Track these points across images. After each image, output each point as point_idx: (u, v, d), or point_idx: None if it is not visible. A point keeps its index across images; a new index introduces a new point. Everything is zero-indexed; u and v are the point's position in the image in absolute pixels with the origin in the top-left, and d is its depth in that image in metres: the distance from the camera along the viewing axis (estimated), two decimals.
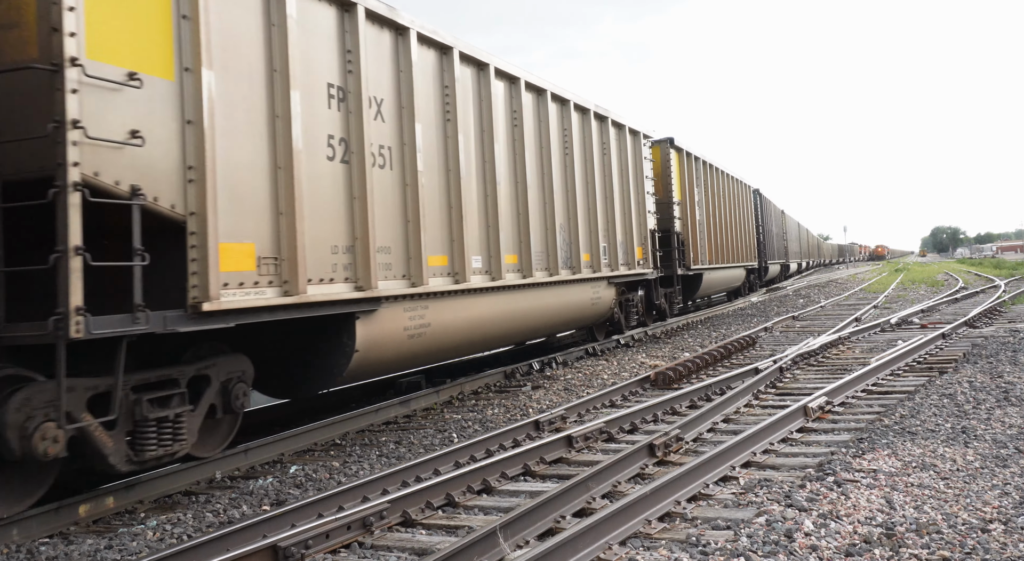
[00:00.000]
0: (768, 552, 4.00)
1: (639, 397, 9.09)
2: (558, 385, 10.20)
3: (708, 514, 4.67)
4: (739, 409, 7.84)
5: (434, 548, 4.40)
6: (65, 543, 4.94)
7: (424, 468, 5.97)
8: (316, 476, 6.32)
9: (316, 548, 4.34)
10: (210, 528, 5.14)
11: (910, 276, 40.06)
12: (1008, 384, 8.29)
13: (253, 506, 5.61)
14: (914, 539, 4.10)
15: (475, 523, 4.80)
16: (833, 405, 7.57)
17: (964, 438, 6.19)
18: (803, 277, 48.87)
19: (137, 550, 4.76)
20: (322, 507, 5.07)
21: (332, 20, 7.29)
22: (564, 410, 7.80)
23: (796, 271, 47.35)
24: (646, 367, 11.43)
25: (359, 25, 7.48)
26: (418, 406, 8.89)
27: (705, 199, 20.58)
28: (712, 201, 21.41)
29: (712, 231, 21.07)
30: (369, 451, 7.11)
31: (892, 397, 8.00)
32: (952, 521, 4.36)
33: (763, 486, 5.16)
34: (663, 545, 4.23)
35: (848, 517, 4.48)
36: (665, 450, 6.11)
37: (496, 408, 8.83)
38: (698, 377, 10.22)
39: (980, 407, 7.29)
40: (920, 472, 5.33)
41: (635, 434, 7.15)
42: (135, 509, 5.63)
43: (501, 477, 5.72)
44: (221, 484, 6.25)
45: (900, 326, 14.86)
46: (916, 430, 6.51)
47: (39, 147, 4.75)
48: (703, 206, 20.31)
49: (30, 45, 4.83)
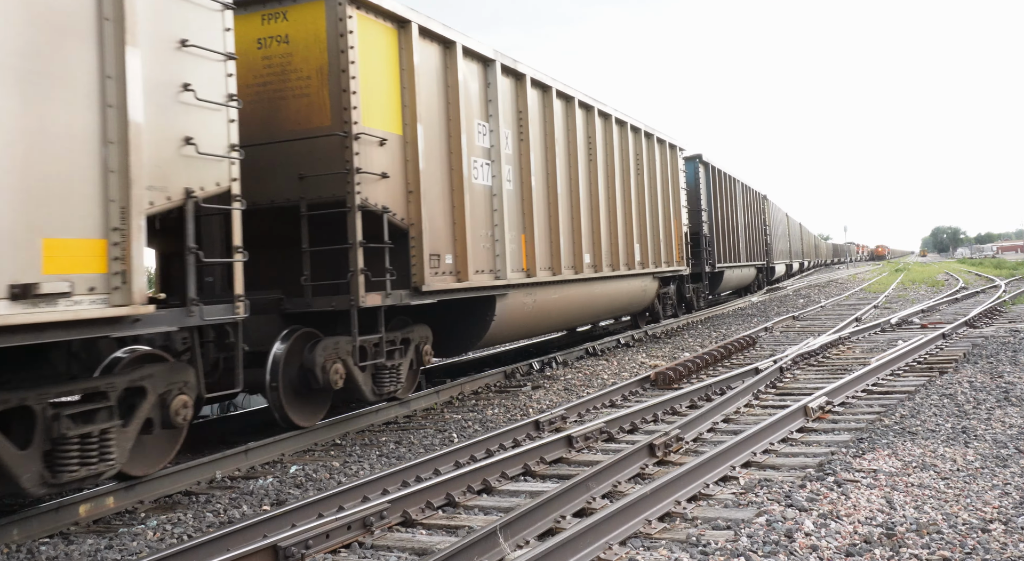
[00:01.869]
0: (768, 552, 4.00)
1: (639, 397, 9.09)
2: (558, 385, 10.20)
3: (708, 514, 4.67)
4: (739, 409, 7.84)
5: (434, 548, 4.40)
6: (65, 543, 4.94)
7: (424, 468, 5.97)
8: (316, 476, 6.32)
9: (316, 548, 4.34)
10: (210, 528, 5.14)
11: (910, 276, 40.06)
12: (1008, 384, 8.29)
13: (253, 506, 5.61)
14: (914, 539, 4.10)
15: (475, 523, 4.80)
16: (833, 405, 7.57)
17: (964, 438, 6.19)
18: (803, 277, 48.91)
19: (137, 550, 4.77)
20: (322, 507, 5.07)
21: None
22: (564, 410, 7.80)
23: (798, 270, 48.66)
24: (646, 367, 11.43)
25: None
26: (418, 406, 8.89)
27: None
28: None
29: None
30: (369, 451, 7.11)
31: (892, 397, 8.00)
32: (952, 521, 4.36)
33: (763, 486, 5.16)
34: (663, 545, 4.23)
35: (848, 517, 4.48)
36: (665, 450, 6.11)
37: (496, 408, 8.83)
38: (698, 377, 10.22)
39: (980, 407, 7.29)
40: (920, 472, 5.33)
41: (635, 434, 7.15)
42: (135, 509, 5.63)
43: (501, 477, 5.72)
44: (221, 484, 6.25)
45: (900, 326, 14.86)
46: (916, 430, 6.51)
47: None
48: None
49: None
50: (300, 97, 7.56)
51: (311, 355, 7.19)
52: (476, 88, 9.66)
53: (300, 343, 7.34)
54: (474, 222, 9.23)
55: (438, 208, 8.64)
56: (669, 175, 16.91)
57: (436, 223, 8.54)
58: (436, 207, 8.57)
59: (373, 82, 7.72)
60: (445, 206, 8.82)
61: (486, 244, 9.55)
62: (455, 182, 9.00)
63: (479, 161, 9.56)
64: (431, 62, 8.69)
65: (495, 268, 9.68)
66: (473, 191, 9.30)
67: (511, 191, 10.27)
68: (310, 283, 7.54)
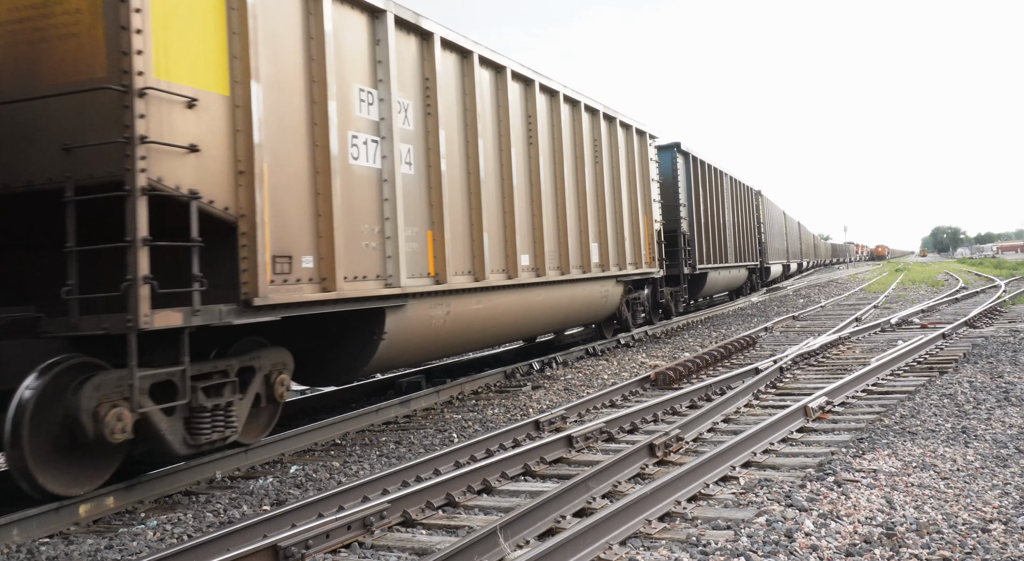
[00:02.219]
0: (768, 552, 4.00)
1: (639, 397, 9.09)
2: (558, 385, 10.20)
3: (708, 514, 4.67)
4: (739, 409, 7.84)
5: (434, 548, 4.40)
6: (65, 543, 4.94)
7: (424, 468, 5.97)
8: (316, 476, 6.32)
9: (316, 548, 4.35)
10: (210, 528, 5.14)
11: (910, 276, 40.07)
12: (1008, 384, 8.29)
13: (253, 506, 5.61)
14: (914, 539, 4.10)
15: (475, 523, 4.80)
16: (833, 405, 7.57)
17: (964, 438, 6.19)
18: (803, 277, 48.87)
19: (137, 550, 4.77)
20: (322, 507, 5.06)
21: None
22: (564, 410, 7.80)
23: (796, 271, 48.01)
24: (646, 367, 11.43)
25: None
26: (418, 406, 8.89)
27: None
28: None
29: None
30: (369, 451, 7.11)
31: (892, 397, 8.00)
32: (952, 521, 4.36)
33: (763, 486, 5.16)
34: (663, 545, 4.23)
35: (848, 517, 4.48)
36: (665, 450, 6.10)
37: (496, 408, 8.83)
38: (698, 377, 10.22)
39: (980, 407, 7.29)
40: (920, 472, 5.33)
41: (635, 434, 7.15)
42: (135, 509, 5.63)
43: (501, 477, 5.72)
44: (221, 484, 6.25)
45: (900, 326, 14.86)
46: (916, 430, 6.51)
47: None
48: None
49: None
50: (67, 38, 5.51)
51: (75, 397, 5.19)
52: (359, 45, 7.59)
53: (65, 379, 5.30)
54: (350, 214, 7.21)
55: (291, 195, 6.58)
56: (637, 165, 14.83)
57: (287, 215, 6.51)
58: (288, 194, 6.53)
59: (178, 20, 5.65)
60: (303, 193, 6.73)
61: (371, 242, 7.52)
62: (319, 162, 6.91)
63: (362, 137, 7.51)
64: (284, 5, 6.66)
65: (385, 273, 7.68)
66: (351, 174, 7.29)
67: (411, 176, 8.19)
68: (76, 296, 5.42)
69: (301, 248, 6.66)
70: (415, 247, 8.19)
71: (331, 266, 6.89)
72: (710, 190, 21.37)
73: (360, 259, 7.35)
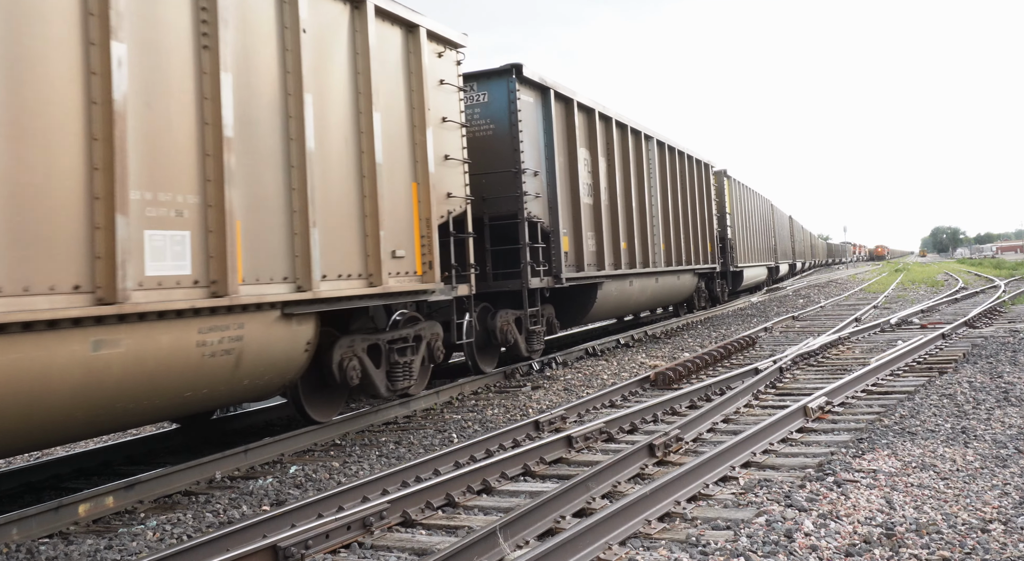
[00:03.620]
0: (768, 552, 4.00)
1: (639, 397, 9.09)
2: (558, 385, 10.20)
3: (708, 514, 4.67)
4: (739, 409, 7.84)
5: (434, 548, 4.40)
6: (65, 543, 4.94)
7: (424, 468, 5.97)
8: (316, 476, 6.32)
9: (316, 548, 4.35)
10: (210, 528, 5.14)
11: (910, 276, 40.07)
12: (1008, 384, 8.29)
13: (253, 506, 5.61)
14: (914, 539, 4.10)
15: (475, 523, 4.81)
16: (833, 405, 7.57)
17: (964, 438, 6.19)
18: (803, 277, 48.87)
19: (137, 550, 4.76)
20: (322, 507, 5.07)
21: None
22: (564, 410, 7.80)
23: (800, 269, 49.55)
24: (646, 367, 11.43)
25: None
26: (418, 406, 8.89)
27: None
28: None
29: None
30: (369, 451, 7.11)
31: (892, 397, 8.01)
32: (952, 521, 4.36)
33: (763, 486, 5.16)
34: (663, 545, 4.23)
35: (848, 517, 4.48)
36: (665, 450, 6.10)
37: (496, 408, 8.83)
38: (698, 377, 10.22)
39: (980, 407, 7.29)
40: (920, 472, 5.33)
41: (635, 434, 7.15)
42: (135, 509, 5.63)
43: (501, 477, 5.72)
44: (221, 484, 6.25)
45: (900, 326, 14.86)
46: (916, 430, 6.51)
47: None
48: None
49: None
50: None
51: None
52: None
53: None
54: None
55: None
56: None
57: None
58: None
59: None
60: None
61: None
62: None
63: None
64: None
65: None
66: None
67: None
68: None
69: None
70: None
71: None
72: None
73: None
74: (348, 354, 7.43)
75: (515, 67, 10.83)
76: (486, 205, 10.76)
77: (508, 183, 10.80)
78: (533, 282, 10.81)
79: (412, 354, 8.31)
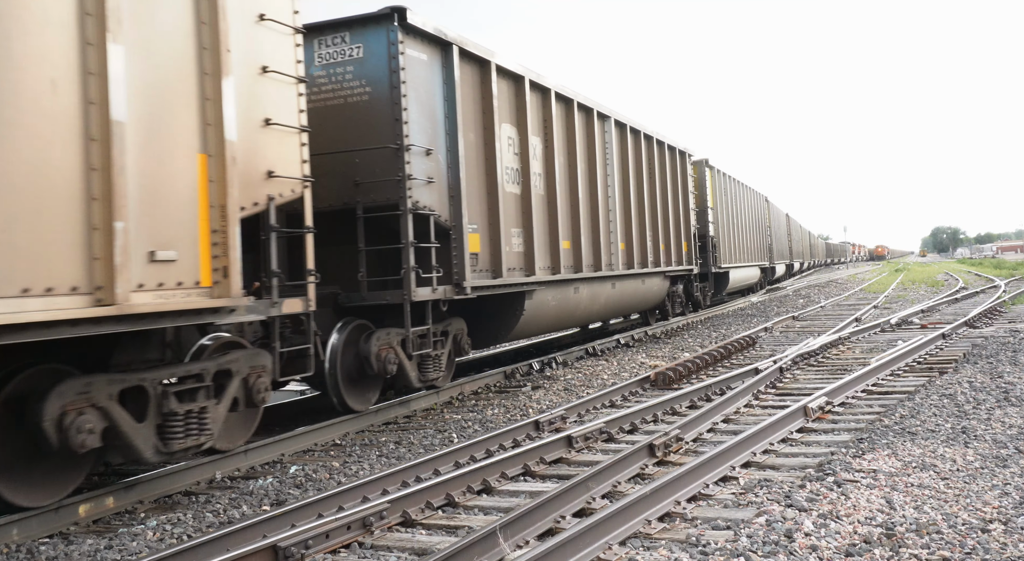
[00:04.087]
0: (768, 552, 4.00)
1: (639, 397, 9.09)
2: (558, 385, 10.20)
3: (708, 514, 4.67)
4: (739, 409, 7.84)
5: (434, 548, 4.40)
6: (65, 543, 4.94)
7: (424, 468, 5.97)
8: (316, 476, 6.32)
9: (316, 548, 4.35)
10: (210, 528, 5.14)
11: (910, 276, 40.07)
12: (1008, 384, 8.29)
13: (253, 506, 5.61)
14: (914, 539, 4.10)
15: (475, 523, 4.80)
16: (833, 405, 7.57)
17: (964, 438, 6.19)
18: (803, 277, 48.84)
19: (137, 550, 4.77)
20: (322, 507, 5.06)
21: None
22: (564, 410, 7.80)
23: (799, 270, 48.16)
24: (646, 367, 11.43)
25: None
26: (418, 406, 8.89)
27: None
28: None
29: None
30: (369, 451, 7.11)
31: (892, 397, 8.00)
32: (952, 521, 4.36)
33: (763, 486, 5.16)
34: (663, 545, 4.23)
35: (848, 517, 4.48)
36: (665, 450, 6.10)
37: (496, 408, 8.83)
38: (698, 377, 10.22)
39: (980, 407, 7.29)
40: (920, 472, 5.33)
41: (635, 434, 7.15)
42: (135, 509, 5.63)
43: (501, 477, 5.72)
44: (221, 484, 6.25)
45: (900, 326, 14.86)
46: (916, 430, 6.51)
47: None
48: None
49: None
50: None
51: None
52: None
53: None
54: None
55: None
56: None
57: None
58: None
59: None
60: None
61: None
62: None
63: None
64: None
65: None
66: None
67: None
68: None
69: None
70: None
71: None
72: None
73: None
74: (78, 408, 5.04)
75: (396, 11, 8.26)
76: (360, 191, 8.35)
77: (388, 163, 8.25)
78: (421, 293, 8.32)
79: (209, 399, 5.94)
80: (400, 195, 8.19)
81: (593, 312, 13.18)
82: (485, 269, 9.54)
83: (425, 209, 8.45)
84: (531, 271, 10.53)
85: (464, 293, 8.98)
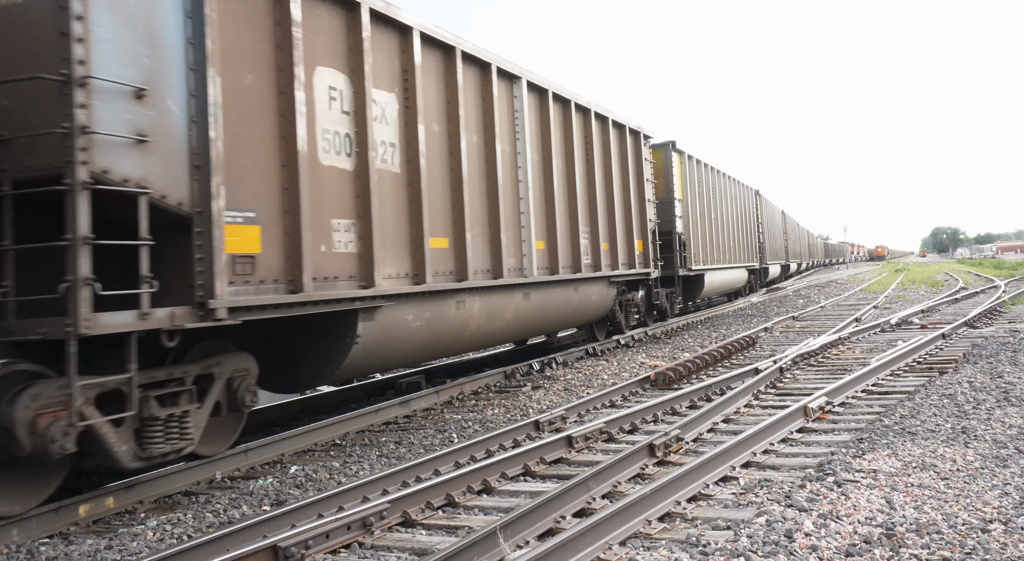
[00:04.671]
0: (768, 552, 4.00)
1: (639, 397, 9.09)
2: (558, 385, 10.20)
3: (708, 514, 4.67)
4: (739, 409, 7.84)
5: (434, 548, 4.40)
6: (65, 543, 4.94)
7: (424, 468, 5.97)
8: (316, 476, 6.32)
9: (316, 548, 4.35)
10: (210, 528, 5.14)
11: (910, 276, 40.07)
12: (1008, 384, 8.29)
13: (253, 506, 5.61)
14: (914, 539, 4.10)
15: (475, 523, 4.81)
16: (833, 405, 7.57)
17: (964, 438, 6.19)
18: (803, 277, 48.82)
19: (137, 550, 4.77)
20: (322, 507, 5.07)
21: None
22: (564, 410, 7.80)
23: (796, 271, 46.97)
24: (646, 367, 11.43)
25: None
26: (418, 406, 8.89)
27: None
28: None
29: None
30: (369, 451, 7.11)
31: (892, 397, 8.00)
32: (952, 521, 4.36)
33: (763, 486, 5.16)
34: (663, 545, 4.23)
35: (848, 517, 4.48)
36: (665, 450, 6.11)
37: (496, 408, 8.83)
38: (698, 377, 10.22)
39: (980, 407, 7.29)
40: (920, 472, 5.33)
41: (635, 434, 7.15)
42: (135, 509, 5.63)
43: (501, 477, 5.72)
44: (221, 484, 6.25)
45: (900, 326, 14.86)
46: (916, 430, 6.51)
47: None
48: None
49: None
50: None
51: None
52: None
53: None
54: None
55: None
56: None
57: None
58: None
59: None
60: None
61: None
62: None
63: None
64: None
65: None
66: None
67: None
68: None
69: None
70: None
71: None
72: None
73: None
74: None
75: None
76: (6, 152, 5.14)
77: (49, 106, 4.99)
78: (108, 321, 5.04)
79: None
80: (68, 158, 4.91)
81: (495, 332, 9.83)
82: (273, 279, 6.35)
83: (128, 183, 5.19)
84: (369, 281, 7.32)
85: (213, 318, 5.70)
